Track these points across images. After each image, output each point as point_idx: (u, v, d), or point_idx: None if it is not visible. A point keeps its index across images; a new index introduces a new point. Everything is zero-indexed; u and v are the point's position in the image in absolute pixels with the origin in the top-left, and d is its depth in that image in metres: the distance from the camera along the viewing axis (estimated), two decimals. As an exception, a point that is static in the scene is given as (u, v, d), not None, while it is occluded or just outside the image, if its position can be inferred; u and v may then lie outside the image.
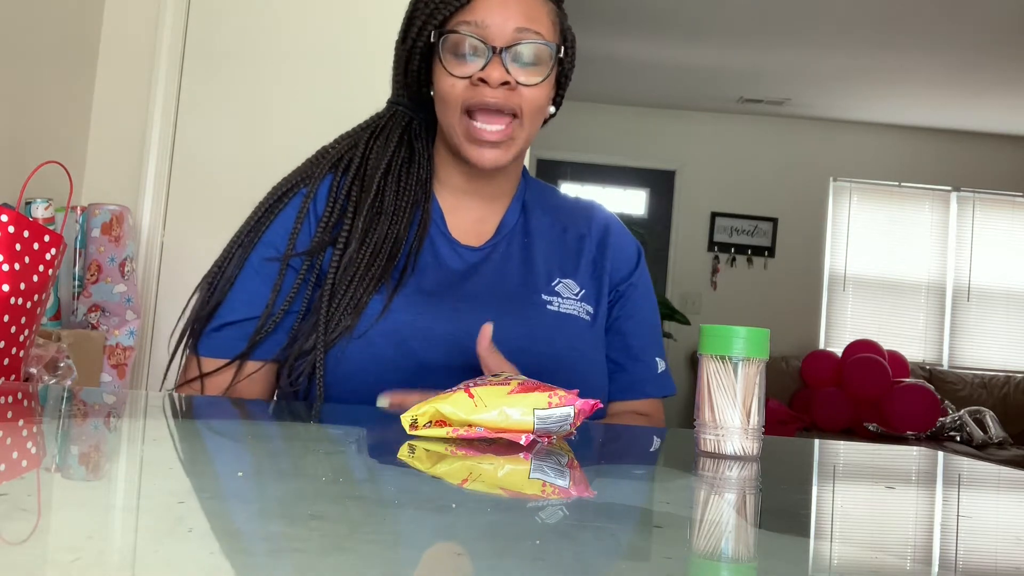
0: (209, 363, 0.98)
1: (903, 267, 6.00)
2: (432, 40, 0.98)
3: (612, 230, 1.13)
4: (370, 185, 1.01)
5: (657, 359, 1.12)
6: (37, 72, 2.12)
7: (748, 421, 0.72)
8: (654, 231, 6.03)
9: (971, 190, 6.05)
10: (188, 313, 1.01)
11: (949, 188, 6.05)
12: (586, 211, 1.14)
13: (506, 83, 0.94)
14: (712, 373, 0.73)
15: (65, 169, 1.13)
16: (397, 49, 1.05)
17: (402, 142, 1.06)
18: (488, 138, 0.96)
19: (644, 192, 6.74)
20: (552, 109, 1.06)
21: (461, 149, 0.99)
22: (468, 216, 1.07)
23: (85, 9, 2.37)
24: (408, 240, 1.01)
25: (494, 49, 0.94)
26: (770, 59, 4.89)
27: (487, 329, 0.87)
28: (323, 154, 1.07)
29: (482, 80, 0.94)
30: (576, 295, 1.04)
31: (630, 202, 6.69)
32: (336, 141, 1.08)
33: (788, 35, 4.48)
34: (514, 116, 0.97)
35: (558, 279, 1.05)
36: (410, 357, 0.94)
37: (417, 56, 1.01)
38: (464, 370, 0.89)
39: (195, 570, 0.34)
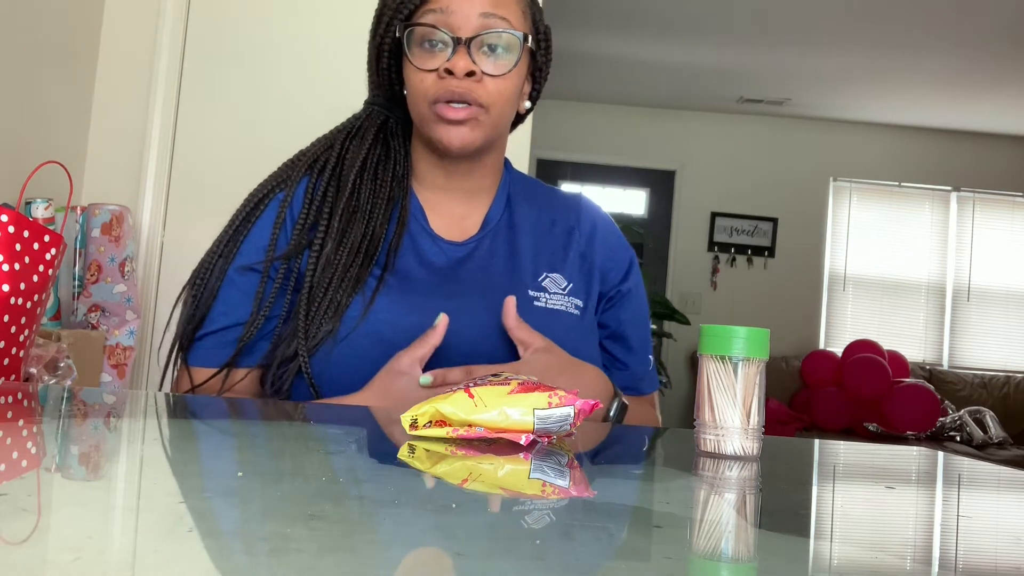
0: (198, 372, 0.98)
1: (903, 267, 6.00)
2: (398, 35, 0.97)
3: (600, 224, 1.12)
4: (345, 184, 1.00)
5: (650, 356, 1.13)
6: (37, 72, 2.12)
7: (748, 421, 0.72)
8: (654, 231, 6.04)
9: (971, 190, 6.05)
10: (174, 324, 1.01)
11: (949, 188, 6.05)
12: (574, 203, 1.12)
13: (471, 73, 0.93)
14: (712, 373, 0.73)
15: (65, 169, 1.13)
16: (368, 46, 1.04)
17: (377, 140, 1.04)
18: (453, 116, 0.94)
19: (644, 192, 6.74)
20: (527, 104, 1.05)
21: (432, 134, 0.97)
22: (450, 213, 1.05)
23: (85, 9, 2.37)
24: (387, 238, 0.99)
25: (459, 40, 0.93)
26: (770, 59, 4.89)
27: (510, 302, 0.91)
28: (299, 157, 1.06)
29: (448, 72, 0.93)
30: (564, 289, 1.03)
31: (630, 202, 6.69)
32: (313, 143, 1.07)
33: (788, 35, 4.48)
34: (480, 106, 0.95)
35: (545, 274, 1.03)
36: None
37: (386, 53, 1.00)
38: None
39: (195, 570, 0.34)
